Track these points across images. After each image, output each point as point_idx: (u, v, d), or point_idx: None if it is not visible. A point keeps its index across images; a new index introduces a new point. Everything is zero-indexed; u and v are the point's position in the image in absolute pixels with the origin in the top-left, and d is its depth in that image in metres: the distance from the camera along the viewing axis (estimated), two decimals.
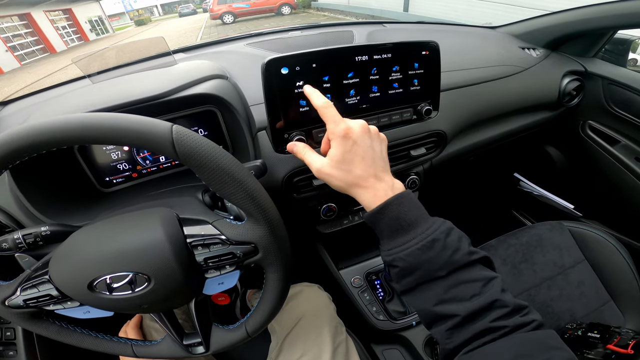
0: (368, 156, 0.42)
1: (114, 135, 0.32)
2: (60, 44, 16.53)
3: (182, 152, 0.34)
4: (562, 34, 0.95)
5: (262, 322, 0.46)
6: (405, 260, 0.37)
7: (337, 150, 0.42)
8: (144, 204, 0.46)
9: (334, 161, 0.42)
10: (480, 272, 0.37)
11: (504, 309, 0.34)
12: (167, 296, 0.39)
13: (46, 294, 0.39)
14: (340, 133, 0.41)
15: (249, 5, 13.60)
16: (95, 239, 0.39)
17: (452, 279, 0.36)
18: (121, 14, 32.47)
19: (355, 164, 0.42)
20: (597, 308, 0.77)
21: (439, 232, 0.37)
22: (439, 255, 0.36)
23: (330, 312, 0.70)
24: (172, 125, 0.34)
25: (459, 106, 0.77)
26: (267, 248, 0.40)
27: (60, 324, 0.44)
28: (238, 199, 0.37)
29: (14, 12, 13.64)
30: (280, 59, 0.48)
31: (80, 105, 0.52)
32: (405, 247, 0.38)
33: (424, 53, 0.58)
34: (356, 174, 0.42)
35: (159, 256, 0.36)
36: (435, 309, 0.36)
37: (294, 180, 0.63)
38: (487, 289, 0.35)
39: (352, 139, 0.41)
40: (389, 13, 8.85)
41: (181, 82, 0.55)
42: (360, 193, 0.42)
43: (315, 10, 14.13)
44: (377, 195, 0.41)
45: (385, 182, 0.42)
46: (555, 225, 0.89)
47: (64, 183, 0.55)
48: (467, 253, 0.37)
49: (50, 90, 0.74)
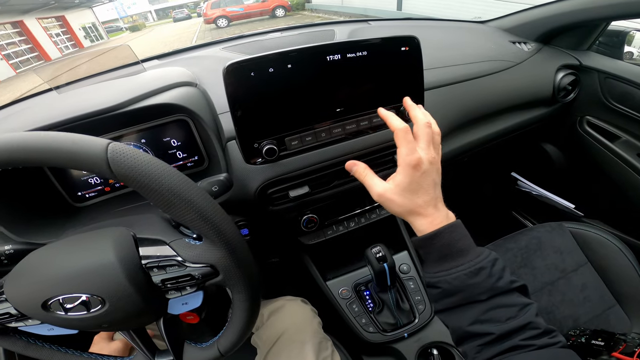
0: (431, 188, 0.44)
1: (41, 156, 0.30)
2: (54, 51, 16.57)
3: (120, 172, 0.31)
4: (554, 27, 0.92)
5: (234, 341, 0.45)
6: (451, 283, 0.40)
7: (404, 178, 0.44)
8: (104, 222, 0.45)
9: (400, 188, 0.44)
10: (517, 298, 0.39)
11: (536, 331, 0.37)
12: (126, 317, 0.38)
13: (5, 312, 0.38)
14: (412, 162, 0.43)
15: (243, 8, 13.66)
16: (49, 259, 0.38)
17: (491, 302, 0.39)
18: (115, 20, 32.54)
19: (419, 194, 0.44)
20: (602, 312, 0.74)
21: (486, 261, 0.40)
22: (484, 282, 0.39)
23: (314, 327, 0.69)
24: (109, 142, 0.32)
25: (447, 105, 0.73)
26: (227, 270, 0.38)
27: (27, 339, 0.44)
28: (189, 221, 0.35)
29: (6, 20, 13.68)
30: (241, 62, 0.45)
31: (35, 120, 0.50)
32: (452, 272, 0.40)
33: (404, 49, 0.54)
34: (417, 203, 0.44)
35: (111, 278, 0.35)
36: (470, 327, 0.39)
37: (268, 191, 0.59)
38: (522, 313, 0.38)
39: (422, 170, 0.43)
40: (382, 12, 8.88)
41: (141, 91, 0.53)
42: (417, 220, 0.44)
43: (310, 12, 14.17)
44: (433, 222, 0.43)
45: (441, 212, 0.44)
46: (555, 227, 0.87)
47: (33, 199, 0.54)
48: (509, 282, 0.40)
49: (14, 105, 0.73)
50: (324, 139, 0.56)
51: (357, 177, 0.50)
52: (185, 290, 0.40)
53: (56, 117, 0.49)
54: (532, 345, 0.36)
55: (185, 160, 0.62)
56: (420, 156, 0.43)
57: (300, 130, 0.54)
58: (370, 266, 0.67)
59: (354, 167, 0.50)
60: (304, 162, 0.57)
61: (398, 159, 0.44)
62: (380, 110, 0.50)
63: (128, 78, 0.63)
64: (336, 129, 0.55)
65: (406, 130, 0.45)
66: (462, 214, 1.33)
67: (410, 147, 0.44)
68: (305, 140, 0.55)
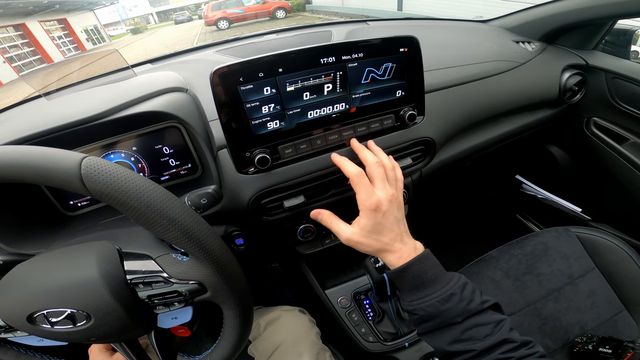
0: (394, 225, 0.47)
1: (11, 172, 0.29)
2: (57, 54, 16.68)
3: (95, 189, 0.30)
4: (558, 26, 0.90)
5: (227, 355, 0.45)
6: (425, 310, 0.43)
7: (367, 221, 0.46)
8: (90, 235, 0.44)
9: (364, 231, 0.47)
10: (491, 316, 0.43)
11: (512, 344, 0.40)
12: (114, 331, 0.37)
13: None
14: (372, 206, 0.45)
15: (243, 10, 13.66)
16: (34, 272, 0.38)
17: (467, 323, 0.42)
18: (117, 23, 32.71)
19: (383, 234, 0.46)
20: (609, 318, 0.72)
21: (456, 287, 0.43)
22: (456, 306, 0.42)
23: (312, 338, 0.67)
24: (84, 157, 0.30)
25: (448, 109, 0.70)
26: (215, 287, 0.37)
27: (18, 349, 0.44)
28: (172, 238, 0.33)
29: (9, 23, 13.75)
30: (231, 66, 0.43)
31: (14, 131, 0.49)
32: (425, 300, 0.43)
33: (403, 50, 0.51)
34: (384, 242, 0.46)
35: (94, 294, 0.35)
36: (450, 347, 0.42)
37: (262, 202, 0.57)
38: (497, 329, 0.41)
39: (382, 211, 0.46)
40: (383, 13, 8.86)
41: (126, 98, 0.52)
42: (386, 256, 0.47)
43: (310, 13, 14.18)
44: (401, 257, 0.46)
45: (408, 245, 0.47)
46: (561, 231, 0.84)
47: (25, 208, 0.54)
48: (480, 302, 0.43)
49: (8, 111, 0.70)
50: (319, 147, 0.54)
51: (324, 224, 0.52)
52: (174, 305, 0.39)
53: (37, 127, 0.47)
54: (510, 357, 0.39)
55: (178, 168, 0.61)
56: (378, 198, 0.46)
57: (294, 137, 0.52)
58: (369, 276, 0.65)
59: (319, 215, 0.53)
60: (298, 171, 0.55)
61: (359, 204, 0.47)
62: (334, 156, 0.52)
63: (116, 84, 0.61)
64: (332, 136, 0.53)
65: (360, 175, 0.47)
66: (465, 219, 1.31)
67: (368, 192, 0.46)
68: (299, 148, 0.53)
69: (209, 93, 0.58)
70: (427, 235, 0.90)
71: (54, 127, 0.47)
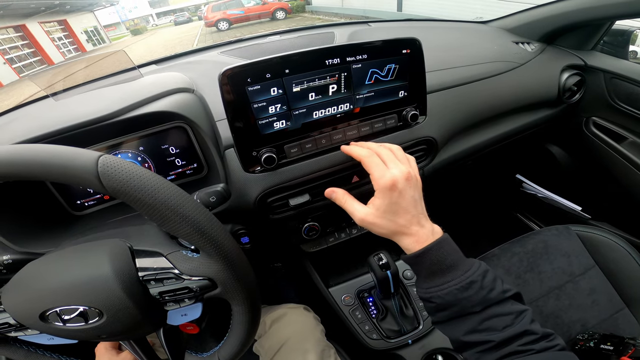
0: (411, 206, 0.44)
1: (30, 170, 0.30)
2: (57, 55, 16.65)
3: (111, 186, 0.30)
4: (557, 26, 0.91)
5: (234, 352, 0.45)
6: (443, 298, 0.41)
7: (382, 201, 0.44)
8: (101, 233, 0.44)
9: (380, 211, 0.44)
10: (512, 306, 0.40)
11: (533, 336, 0.37)
12: (126, 328, 0.38)
13: (4, 322, 0.39)
14: (387, 185, 0.43)
15: (243, 11, 13.66)
16: (46, 270, 0.38)
17: (486, 313, 0.39)
18: (117, 24, 32.71)
19: (399, 214, 0.44)
20: (610, 316, 0.73)
21: (476, 274, 0.40)
22: (476, 295, 0.40)
23: (317, 335, 0.68)
24: (100, 155, 0.31)
25: (450, 109, 0.71)
26: (226, 283, 0.38)
27: (28, 348, 0.44)
28: (185, 235, 0.34)
29: (9, 24, 13.70)
30: (238, 67, 0.44)
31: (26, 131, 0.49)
32: (443, 287, 0.41)
33: (405, 51, 0.52)
34: (400, 223, 0.44)
35: (108, 291, 0.35)
36: (466, 337, 0.40)
37: (268, 200, 0.58)
38: (518, 321, 0.38)
39: (398, 190, 0.43)
40: (382, 13, 8.87)
41: (136, 99, 0.52)
42: (403, 239, 0.44)
43: (310, 14, 14.19)
44: (419, 240, 0.43)
45: (426, 228, 0.44)
46: (562, 230, 0.85)
47: (33, 208, 0.54)
48: (502, 292, 0.40)
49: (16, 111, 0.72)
50: (324, 146, 0.55)
51: (338, 204, 0.51)
52: (184, 302, 0.39)
53: (49, 127, 0.48)
54: (530, 350, 0.36)
55: (184, 168, 0.62)
56: (393, 175, 0.43)
57: (299, 137, 0.53)
58: (373, 274, 0.66)
59: (333, 194, 0.51)
60: (304, 170, 0.56)
61: (373, 183, 0.45)
62: (343, 147, 0.52)
63: (124, 85, 0.61)
64: (336, 135, 0.54)
65: (371, 154, 0.46)
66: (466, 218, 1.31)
67: (381, 169, 0.44)
68: (305, 147, 0.54)
69: (215, 94, 0.59)
70: None
71: (68, 126, 0.48)
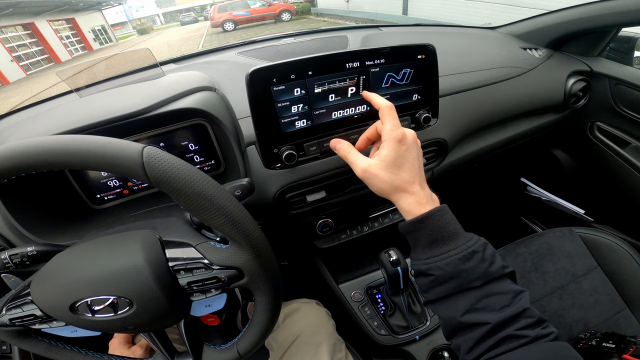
0: (416, 163, 0.44)
1: (80, 160, 0.31)
2: (64, 53, 16.76)
3: (155, 176, 0.32)
4: (565, 33, 0.92)
5: (254, 343, 0.45)
6: (444, 269, 0.38)
7: (390, 152, 0.43)
8: (129, 224, 0.45)
9: (385, 162, 0.43)
10: (510, 285, 0.39)
11: (530, 319, 0.36)
12: (152, 319, 0.38)
13: (30, 314, 0.38)
14: (397, 137, 0.43)
15: (249, 12, 13.73)
16: (77, 261, 0.38)
17: (486, 289, 0.38)
18: (124, 23, 32.89)
19: (404, 169, 0.43)
20: (612, 316, 0.74)
21: (477, 244, 0.39)
22: (478, 266, 0.38)
23: (329, 329, 0.69)
24: (144, 147, 0.32)
25: (460, 112, 0.74)
26: (253, 273, 0.39)
27: (49, 341, 0.44)
28: (218, 224, 0.35)
29: (18, 22, 13.80)
30: (265, 68, 0.46)
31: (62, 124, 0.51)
32: (444, 257, 0.39)
33: (420, 57, 0.55)
34: (404, 178, 0.43)
35: (140, 281, 0.36)
36: (464, 318, 0.37)
37: (287, 196, 0.60)
38: (516, 301, 0.37)
39: (407, 144, 0.43)
40: (387, 16, 8.87)
41: (164, 96, 0.53)
42: (403, 198, 0.43)
43: (315, 16, 14.24)
44: (419, 202, 0.42)
45: (427, 191, 0.43)
46: (565, 232, 0.86)
47: (53, 201, 0.55)
48: (501, 266, 0.39)
49: (40, 105, 0.73)
50: None
51: (341, 155, 0.49)
52: (210, 292, 0.40)
53: (86, 120, 0.49)
54: (526, 336, 0.35)
55: (202, 165, 0.63)
56: (404, 131, 0.44)
57: (319, 136, 0.55)
58: (384, 270, 0.67)
59: (338, 144, 0.49)
60: (321, 168, 0.58)
61: (383, 135, 0.44)
62: (365, 93, 0.50)
63: (150, 82, 0.63)
64: (353, 135, 0.56)
65: (391, 107, 0.45)
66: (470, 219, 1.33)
67: (395, 123, 0.44)
68: (323, 146, 0.55)
69: (236, 93, 0.62)
70: None
71: (103, 120, 0.49)
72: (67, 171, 0.56)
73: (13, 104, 7.17)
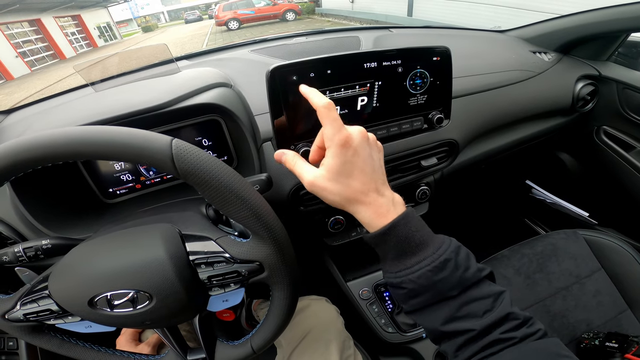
0: (368, 167, 0.38)
1: (110, 151, 0.31)
2: (69, 50, 16.80)
3: (182, 168, 0.32)
4: (574, 37, 0.93)
5: (268, 339, 0.45)
6: (416, 282, 0.35)
7: (334, 160, 0.37)
8: (146, 218, 0.44)
9: (331, 173, 0.37)
10: (489, 288, 0.36)
11: (515, 322, 0.34)
12: (170, 313, 0.38)
13: (46, 309, 0.38)
14: (340, 141, 0.37)
15: (254, 11, 13.76)
16: (96, 255, 0.38)
17: (464, 297, 0.35)
18: (129, 20, 33.00)
19: (354, 177, 0.37)
20: (614, 317, 0.75)
21: (449, 251, 0.36)
22: (452, 275, 0.35)
23: (338, 327, 0.69)
24: (172, 139, 0.32)
25: (471, 114, 0.74)
26: (273, 267, 0.39)
27: (62, 337, 0.43)
28: (242, 217, 0.36)
29: (24, 18, 13.87)
30: (286, 66, 0.47)
31: (83, 116, 0.51)
32: (415, 269, 0.35)
33: (435, 59, 0.56)
34: (356, 188, 0.37)
35: (161, 274, 0.35)
36: (445, 327, 0.35)
37: (301, 193, 0.61)
38: (497, 304, 0.35)
39: (353, 147, 0.37)
40: (393, 18, 8.87)
41: (183, 91, 0.54)
42: (360, 210, 0.38)
43: (319, 16, 14.23)
44: (379, 212, 0.37)
45: (386, 197, 0.38)
46: (570, 234, 0.87)
47: (66, 194, 0.55)
48: (477, 270, 0.36)
49: (54, 99, 0.73)
50: None
51: (286, 166, 0.43)
52: (229, 287, 0.40)
53: (107, 112, 0.49)
54: (512, 338, 0.33)
55: None
56: (348, 132, 0.37)
57: None
58: None
59: (283, 156, 0.43)
60: None
61: (325, 141, 0.38)
62: (302, 87, 0.43)
63: (167, 77, 0.63)
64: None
65: (330, 107, 0.38)
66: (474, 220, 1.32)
67: (337, 125, 0.37)
68: None
69: (250, 90, 0.62)
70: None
71: (124, 113, 0.49)
72: (81, 164, 0.56)
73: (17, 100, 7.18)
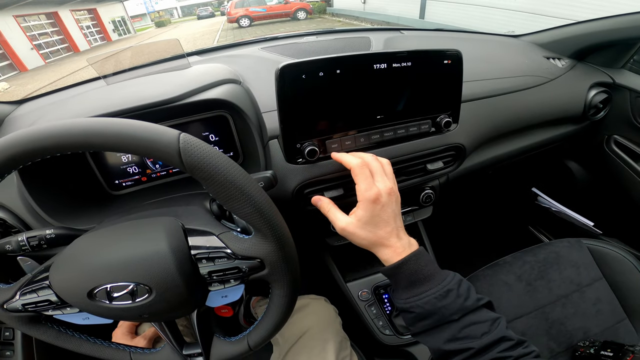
0: (391, 219, 0.46)
1: (118, 142, 0.31)
2: (84, 43, 16.94)
3: (189, 162, 0.32)
4: (589, 44, 0.91)
5: (265, 336, 0.45)
6: (423, 307, 0.42)
7: (365, 212, 0.46)
8: (150, 211, 0.44)
9: (361, 222, 0.46)
10: (487, 314, 0.42)
11: (510, 342, 0.40)
12: (169, 307, 0.38)
13: (45, 300, 0.38)
14: (371, 197, 0.45)
15: (265, 9, 13.82)
16: (98, 246, 0.38)
17: (464, 321, 0.41)
18: (143, 15, 33.34)
19: (380, 226, 0.46)
20: (611, 326, 0.75)
21: (452, 283, 0.43)
22: (453, 303, 0.42)
23: (336, 327, 0.69)
24: (180, 133, 0.32)
25: (480, 119, 0.74)
26: (274, 264, 0.39)
27: (59, 328, 0.43)
28: (246, 214, 0.36)
29: (42, 11, 14.01)
30: (296, 64, 0.47)
31: (94, 107, 0.51)
32: (423, 296, 0.43)
33: (446, 62, 0.55)
34: (380, 235, 0.46)
35: (162, 268, 0.35)
36: (447, 346, 0.41)
37: (305, 191, 0.61)
38: (494, 328, 0.41)
39: (381, 204, 0.45)
40: (405, 20, 8.82)
41: (193, 86, 0.54)
42: (381, 251, 0.46)
43: (330, 16, 14.22)
44: (396, 252, 0.45)
45: (404, 241, 0.46)
46: (573, 242, 0.86)
47: (73, 185, 0.55)
48: (476, 300, 0.43)
49: (66, 90, 0.74)
50: (362, 144, 0.58)
51: (322, 211, 0.52)
52: (229, 283, 0.40)
53: (119, 105, 0.49)
54: (509, 356, 0.39)
55: None
56: (378, 189, 0.45)
57: (341, 134, 0.56)
58: None
59: (319, 202, 0.53)
60: (341, 165, 0.57)
61: (358, 195, 0.46)
62: (333, 154, 0.52)
63: (177, 72, 0.63)
64: (374, 135, 0.57)
65: (362, 165, 0.47)
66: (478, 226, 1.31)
67: (368, 182, 0.46)
68: (344, 144, 0.56)
69: (259, 87, 0.62)
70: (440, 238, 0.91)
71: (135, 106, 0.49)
72: (89, 155, 0.56)
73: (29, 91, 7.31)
